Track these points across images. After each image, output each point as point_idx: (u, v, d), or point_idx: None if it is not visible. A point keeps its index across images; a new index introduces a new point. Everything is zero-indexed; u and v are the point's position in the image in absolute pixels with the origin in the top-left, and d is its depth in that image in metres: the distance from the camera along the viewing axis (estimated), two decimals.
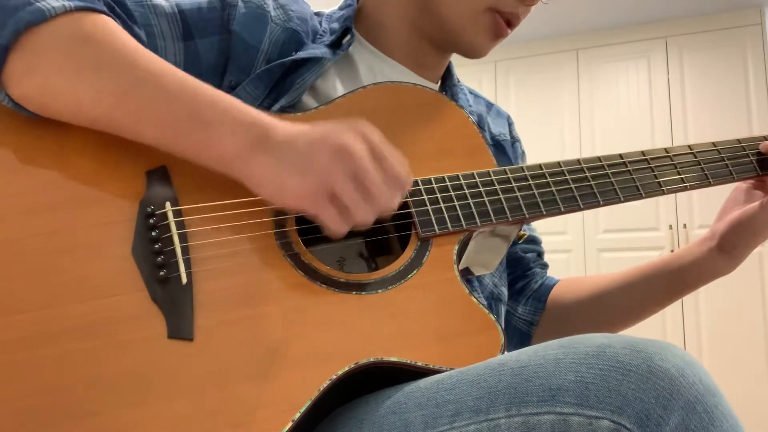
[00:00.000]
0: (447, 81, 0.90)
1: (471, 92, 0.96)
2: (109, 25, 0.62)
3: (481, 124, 0.92)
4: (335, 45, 0.80)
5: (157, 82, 0.59)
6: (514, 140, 0.97)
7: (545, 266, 1.00)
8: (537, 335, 0.95)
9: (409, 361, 0.60)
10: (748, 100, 3.55)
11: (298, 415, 0.54)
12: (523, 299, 0.96)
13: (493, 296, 0.86)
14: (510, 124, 0.99)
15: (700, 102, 3.65)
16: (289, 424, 0.54)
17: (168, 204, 0.61)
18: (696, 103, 3.66)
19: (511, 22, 0.81)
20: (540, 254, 1.00)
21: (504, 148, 0.94)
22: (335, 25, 0.82)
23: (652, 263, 0.90)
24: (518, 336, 0.96)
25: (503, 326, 0.89)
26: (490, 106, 0.98)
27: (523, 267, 0.97)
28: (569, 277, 0.98)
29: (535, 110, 3.92)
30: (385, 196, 0.60)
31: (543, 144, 3.80)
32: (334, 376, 0.57)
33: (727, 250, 0.84)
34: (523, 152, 0.99)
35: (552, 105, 3.93)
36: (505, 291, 0.89)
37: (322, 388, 0.56)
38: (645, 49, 3.83)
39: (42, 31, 0.59)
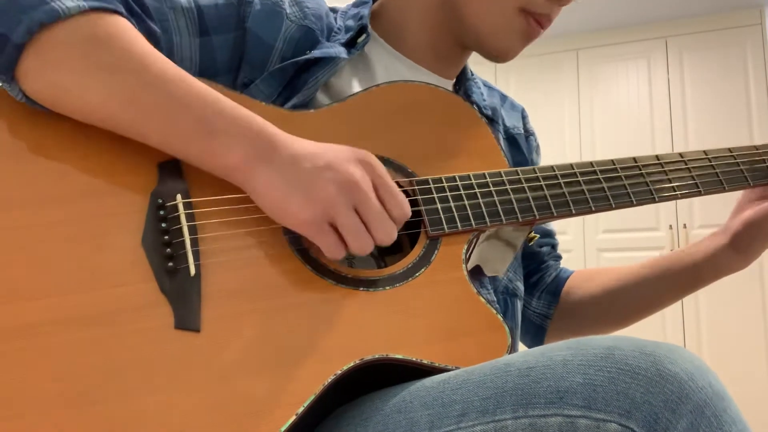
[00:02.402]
0: (461, 76, 0.90)
1: (485, 84, 0.96)
2: (122, 26, 0.62)
3: (495, 117, 0.92)
4: (350, 44, 0.80)
5: (165, 87, 0.60)
6: (528, 133, 0.97)
7: (558, 258, 1.01)
8: (552, 328, 0.96)
9: (414, 359, 0.60)
10: (748, 100, 3.55)
11: (302, 409, 0.54)
12: (537, 293, 0.97)
13: (507, 291, 0.86)
14: (524, 117, 0.99)
15: (700, 102, 3.65)
16: (293, 418, 0.54)
17: (179, 196, 0.61)
18: (696, 103, 3.66)
19: (541, 23, 0.80)
20: (554, 246, 1.00)
21: (518, 142, 0.94)
22: (350, 23, 0.82)
23: (665, 258, 0.90)
24: (533, 329, 0.97)
25: (519, 320, 0.89)
26: (504, 98, 0.98)
27: (537, 261, 0.98)
28: (582, 270, 0.99)
29: (535, 110, 3.90)
30: (385, 230, 0.61)
31: (543, 144, 3.75)
32: (339, 372, 0.57)
33: (740, 248, 0.84)
34: (538, 146, 0.99)
35: (552, 105, 3.93)
36: (520, 286, 0.89)
37: (326, 383, 0.56)
38: (645, 49, 3.83)
39: (55, 31, 0.59)
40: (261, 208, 0.61)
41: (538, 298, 0.96)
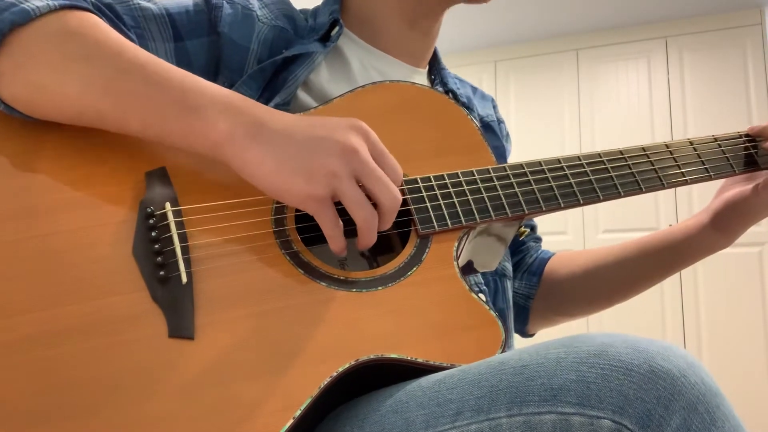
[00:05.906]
0: (434, 66, 0.92)
1: (455, 77, 0.97)
2: (94, 20, 0.62)
3: (470, 106, 0.93)
4: (324, 38, 0.81)
5: (143, 70, 0.59)
6: (500, 121, 0.99)
7: (539, 240, 1.01)
8: (534, 308, 0.97)
9: (409, 358, 0.60)
10: (748, 100, 3.55)
11: (298, 412, 0.54)
12: (519, 274, 0.97)
13: (497, 272, 0.87)
14: (494, 107, 1.01)
15: (700, 102, 3.65)
16: (290, 422, 0.54)
17: (168, 204, 0.61)
18: (696, 103, 3.66)
19: None
20: (533, 228, 1.01)
21: (492, 128, 0.95)
22: (322, 19, 0.83)
23: (647, 238, 0.91)
24: (517, 309, 0.97)
25: (511, 301, 0.90)
26: (474, 89, 1.00)
27: (516, 242, 0.98)
28: (564, 252, 0.99)
29: (535, 110, 3.92)
30: (390, 193, 0.60)
31: (543, 144, 3.80)
32: (335, 373, 0.57)
33: (720, 228, 0.85)
34: (508, 134, 1.01)
35: (552, 105, 3.93)
36: (509, 267, 0.90)
37: (322, 386, 0.56)
38: (645, 49, 3.83)
39: (28, 31, 0.59)
40: (255, 186, 0.59)
41: (520, 279, 0.97)
